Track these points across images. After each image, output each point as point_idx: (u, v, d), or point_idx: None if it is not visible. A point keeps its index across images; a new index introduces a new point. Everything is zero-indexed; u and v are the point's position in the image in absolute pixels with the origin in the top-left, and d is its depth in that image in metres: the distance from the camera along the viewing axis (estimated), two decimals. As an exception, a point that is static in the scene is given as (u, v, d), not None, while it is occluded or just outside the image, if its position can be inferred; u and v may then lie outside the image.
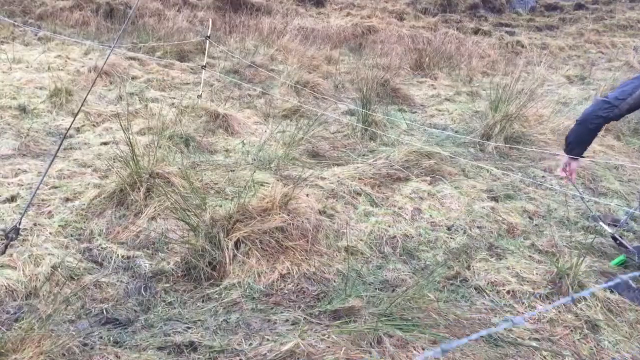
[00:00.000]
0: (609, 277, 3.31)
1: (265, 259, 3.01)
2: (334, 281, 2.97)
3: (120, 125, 4.29)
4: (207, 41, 5.85)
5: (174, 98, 5.89)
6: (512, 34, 14.64)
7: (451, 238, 3.52)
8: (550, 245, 3.58)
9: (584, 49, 14.06)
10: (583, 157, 3.41)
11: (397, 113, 6.24)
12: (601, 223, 3.73)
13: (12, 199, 3.54)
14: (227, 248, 3.00)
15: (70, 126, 3.77)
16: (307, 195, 3.40)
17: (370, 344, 2.43)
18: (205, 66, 5.96)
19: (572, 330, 2.78)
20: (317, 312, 2.70)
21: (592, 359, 2.62)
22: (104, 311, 2.62)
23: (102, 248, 3.15)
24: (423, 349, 2.47)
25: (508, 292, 3.02)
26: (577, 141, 3.32)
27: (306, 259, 3.05)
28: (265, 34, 9.80)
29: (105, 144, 4.62)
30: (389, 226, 3.53)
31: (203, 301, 2.79)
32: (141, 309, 2.69)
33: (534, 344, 2.66)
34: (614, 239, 3.61)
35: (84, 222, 3.36)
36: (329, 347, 2.40)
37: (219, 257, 2.97)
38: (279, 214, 3.13)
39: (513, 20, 16.35)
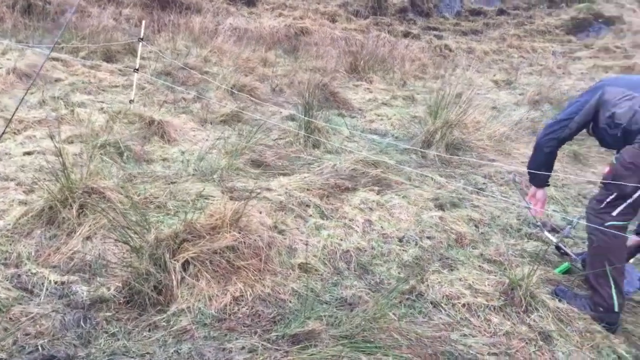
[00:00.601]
0: (555, 286, 3.39)
1: (216, 281, 2.84)
2: (290, 302, 2.84)
3: (49, 133, 3.94)
4: (140, 43, 5.53)
5: (103, 102, 5.53)
6: (440, 38, 15.03)
7: (403, 250, 3.49)
8: (497, 254, 3.62)
9: (507, 53, 14.65)
10: (547, 184, 3.47)
11: (338, 118, 6.18)
12: (545, 232, 3.82)
13: None
14: (174, 270, 2.80)
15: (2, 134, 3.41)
16: (261, 212, 3.25)
17: (334, 370, 2.33)
18: (137, 69, 5.64)
19: (527, 343, 2.80)
20: (275, 337, 2.56)
21: (548, 371, 2.65)
22: (40, 347, 2.36)
23: (31, 273, 2.85)
24: (387, 372, 2.40)
25: (463, 305, 3.01)
26: (537, 167, 3.37)
27: (260, 279, 2.91)
28: (197, 34, 9.48)
29: (28, 153, 4.23)
30: (342, 240, 3.44)
31: (150, 330, 2.58)
32: (81, 343, 2.45)
33: (492, 359, 2.65)
34: (558, 248, 3.70)
35: (10, 244, 3.04)
36: (290, 376, 2.28)
37: (166, 281, 2.76)
38: (230, 231, 2.96)
39: (440, 24, 16.79)
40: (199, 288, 2.78)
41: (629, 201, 2.96)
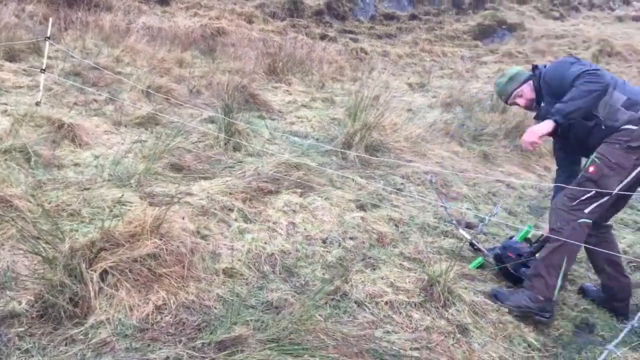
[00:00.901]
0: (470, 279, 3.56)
1: (137, 290, 2.74)
2: (215, 308, 2.80)
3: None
4: (47, 42, 5.23)
5: (7, 104, 5.17)
6: (356, 41, 15.33)
7: (327, 251, 3.53)
8: (417, 252, 3.76)
9: (420, 57, 15.21)
10: None
11: (258, 120, 6.16)
12: (460, 230, 4.00)
13: None
14: (91, 280, 2.68)
15: None
16: (183, 218, 3.17)
17: (262, 375, 2.32)
18: (44, 69, 5.32)
19: (446, 336, 2.93)
20: (200, 344, 2.51)
21: (465, 362, 2.79)
22: (-59, 372, 2.18)
23: None
24: (314, 373, 2.42)
25: (386, 303, 3.09)
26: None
27: (183, 286, 2.84)
28: (108, 33, 9.09)
29: None
30: (266, 243, 3.43)
31: (66, 344, 2.45)
32: (-10, 363, 2.29)
33: (415, 354, 2.75)
34: (472, 244, 3.89)
35: None
36: (218, 384, 2.24)
37: (82, 292, 2.63)
38: (150, 238, 2.87)
39: (356, 27, 17.14)
40: (118, 298, 2.67)
41: (601, 201, 3.10)
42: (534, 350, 2.99)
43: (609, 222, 3.49)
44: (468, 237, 3.94)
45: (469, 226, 4.26)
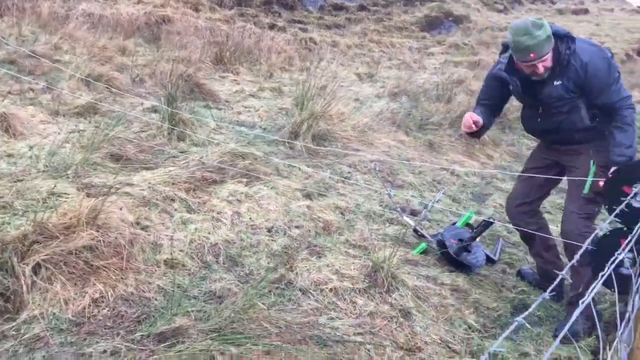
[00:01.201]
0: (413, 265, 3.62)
1: (72, 283, 2.65)
2: (156, 299, 2.74)
3: None
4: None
5: None
6: (305, 31, 15.27)
7: (272, 240, 3.51)
8: (362, 239, 3.79)
9: (369, 47, 15.30)
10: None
11: (204, 110, 6.05)
12: (404, 217, 4.06)
13: None
14: (23, 274, 2.57)
15: None
16: (121, 208, 3.08)
17: (203, 365, 2.29)
18: (-26, 55, 5.05)
19: (389, 321, 2.97)
20: (140, 336, 2.46)
21: (408, 345, 2.83)
22: None
23: None
24: (257, 362, 2.41)
25: (331, 289, 3.11)
26: None
27: (122, 278, 2.76)
28: (46, 19, 8.71)
29: None
30: (209, 233, 3.38)
31: (-3, 342, 2.35)
32: None
33: (359, 339, 2.77)
34: (415, 231, 3.96)
35: None
36: (157, 376, 2.20)
37: (14, 286, 2.53)
38: (86, 230, 2.77)
39: (305, 17, 17.06)
40: (53, 292, 2.58)
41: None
42: (474, 332, 3.08)
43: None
44: (412, 223, 4.00)
45: (413, 213, 4.33)
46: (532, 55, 2.90)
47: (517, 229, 3.65)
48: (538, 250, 3.59)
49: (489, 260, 3.88)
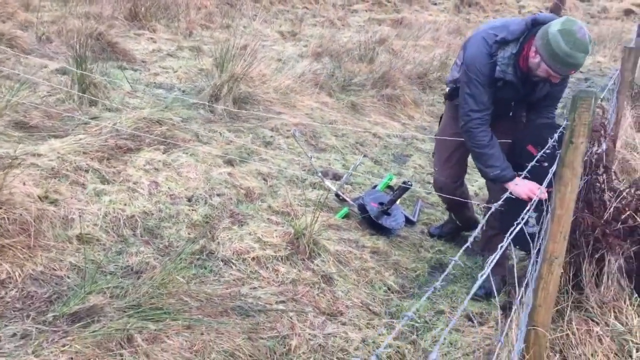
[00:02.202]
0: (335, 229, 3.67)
1: (-26, 265, 2.49)
2: (69, 277, 2.63)
3: None
4: None
5: None
6: (226, -15, 14.71)
7: (193, 210, 3.44)
8: (285, 206, 3.78)
9: (292, 4, 15.01)
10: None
11: (118, 72, 5.74)
12: (326, 181, 4.08)
13: None
14: None
15: None
16: (24, 183, 2.89)
17: (120, 344, 2.23)
18: None
19: (311, 287, 3.02)
20: (52, 317, 2.36)
21: (330, 310, 2.90)
22: None
23: None
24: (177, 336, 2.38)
25: (253, 259, 3.10)
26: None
27: (30, 256, 2.62)
28: None
29: None
30: (126, 205, 3.26)
31: None
32: None
33: (281, 307, 2.80)
34: (337, 195, 4.00)
35: None
36: (72, 358, 2.12)
37: None
38: (-13, 208, 2.60)
39: (226, -29, 16.41)
40: (-49, 276, 2.41)
41: None
42: (393, 293, 3.19)
43: None
44: (333, 188, 4.04)
45: (335, 177, 4.36)
46: (573, 71, 2.74)
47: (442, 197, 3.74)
48: (460, 210, 3.73)
49: (408, 222, 4.00)
